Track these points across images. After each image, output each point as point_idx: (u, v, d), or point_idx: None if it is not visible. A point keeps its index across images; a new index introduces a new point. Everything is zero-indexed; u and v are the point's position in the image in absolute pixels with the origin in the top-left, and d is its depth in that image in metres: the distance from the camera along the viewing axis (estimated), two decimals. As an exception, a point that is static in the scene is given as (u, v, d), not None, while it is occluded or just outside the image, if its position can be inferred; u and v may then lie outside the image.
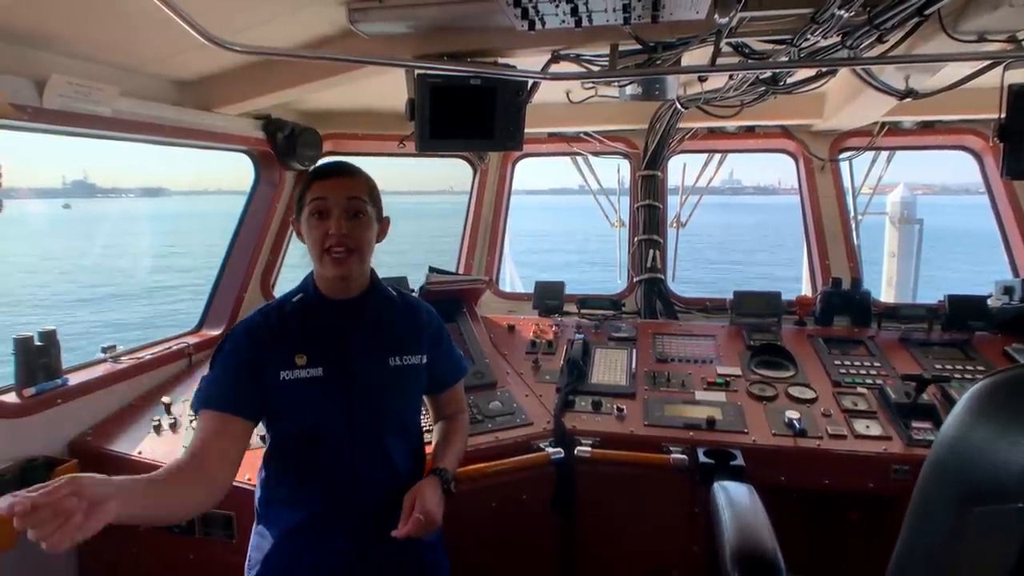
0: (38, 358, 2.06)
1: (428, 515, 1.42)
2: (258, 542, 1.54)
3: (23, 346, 2.03)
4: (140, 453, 2.07)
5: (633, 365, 2.68)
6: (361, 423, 1.49)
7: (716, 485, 1.53)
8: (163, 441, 2.14)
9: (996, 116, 2.07)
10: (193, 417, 2.20)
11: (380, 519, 1.50)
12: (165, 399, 2.32)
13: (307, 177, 1.50)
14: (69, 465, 1.98)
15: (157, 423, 2.19)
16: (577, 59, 2.07)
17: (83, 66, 1.94)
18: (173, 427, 2.19)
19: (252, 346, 1.46)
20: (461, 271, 3.51)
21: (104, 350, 2.40)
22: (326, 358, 1.47)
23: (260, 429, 1.55)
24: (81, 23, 1.74)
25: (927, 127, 3.08)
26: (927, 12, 1.40)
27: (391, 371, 1.54)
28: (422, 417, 1.73)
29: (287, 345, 1.47)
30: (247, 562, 1.55)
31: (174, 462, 1.32)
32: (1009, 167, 2.10)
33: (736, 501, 1.42)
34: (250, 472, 1.74)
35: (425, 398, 1.76)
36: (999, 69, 1.91)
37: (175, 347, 2.64)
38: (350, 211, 1.45)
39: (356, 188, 1.47)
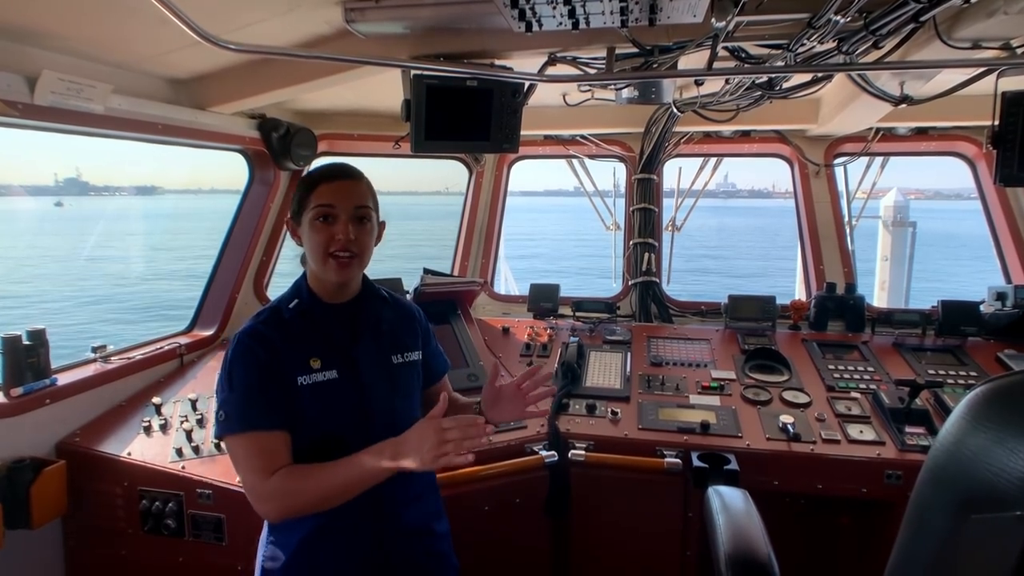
0: (26, 357, 2.02)
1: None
2: (272, 552, 1.47)
3: (11, 345, 2.00)
4: (129, 455, 2.05)
5: (628, 368, 2.67)
6: (376, 423, 1.47)
7: (710, 490, 1.52)
8: (153, 442, 2.11)
9: (989, 123, 2.09)
10: (184, 419, 2.18)
11: (398, 518, 1.50)
12: (156, 400, 2.30)
13: (309, 179, 1.47)
14: (57, 466, 1.96)
15: (147, 424, 2.17)
16: (574, 62, 2.07)
17: (76, 63, 1.92)
18: (163, 428, 2.17)
19: (266, 351, 1.40)
20: (456, 272, 3.50)
21: (94, 350, 2.37)
22: (336, 361, 1.46)
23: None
24: (75, 19, 1.72)
25: (921, 133, 3.10)
26: (922, 19, 1.41)
27: (395, 369, 1.55)
28: None
29: (298, 349, 1.43)
30: (259, 574, 1.48)
31: (288, 468, 1.35)
32: (1002, 174, 2.12)
33: (730, 506, 1.41)
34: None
35: None
36: (993, 76, 1.93)
37: (166, 347, 2.61)
38: (356, 217, 1.44)
39: (362, 194, 1.47)
